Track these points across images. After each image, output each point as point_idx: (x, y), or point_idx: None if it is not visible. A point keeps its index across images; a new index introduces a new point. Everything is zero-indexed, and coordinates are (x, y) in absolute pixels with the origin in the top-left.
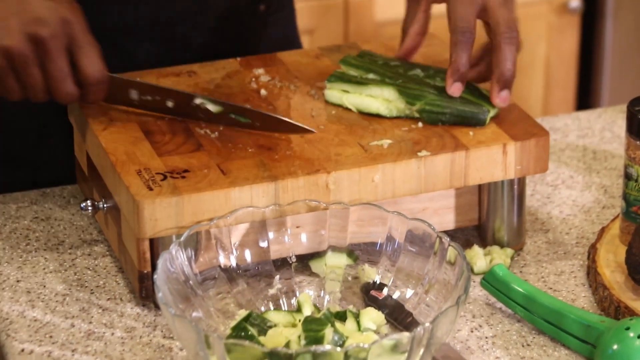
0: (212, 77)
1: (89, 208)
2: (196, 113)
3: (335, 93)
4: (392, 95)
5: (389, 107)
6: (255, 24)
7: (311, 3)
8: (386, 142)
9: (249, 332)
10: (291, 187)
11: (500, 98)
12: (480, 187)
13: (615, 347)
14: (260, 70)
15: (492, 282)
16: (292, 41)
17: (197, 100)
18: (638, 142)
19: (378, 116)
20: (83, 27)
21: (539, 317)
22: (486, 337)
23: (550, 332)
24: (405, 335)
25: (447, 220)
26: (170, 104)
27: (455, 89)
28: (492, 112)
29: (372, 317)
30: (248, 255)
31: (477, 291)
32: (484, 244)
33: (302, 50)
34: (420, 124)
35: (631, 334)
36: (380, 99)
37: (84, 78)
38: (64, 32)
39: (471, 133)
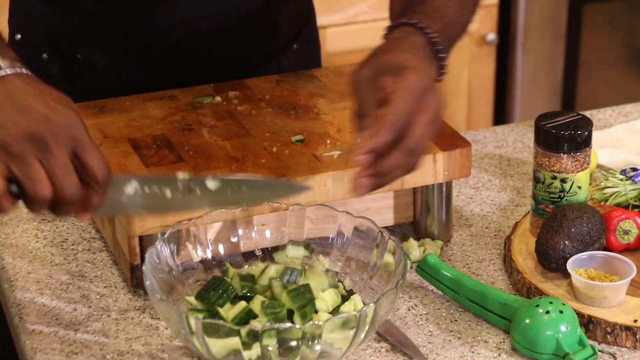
0: (189, 100)
1: None
2: (194, 193)
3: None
4: None
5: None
6: (287, 60)
7: None
8: (336, 153)
9: None
10: None
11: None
12: (414, 189)
13: (527, 321)
14: (232, 94)
15: (425, 268)
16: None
17: (192, 185)
18: (544, 151)
19: None
20: (85, 130)
21: (465, 297)
22: (421, 315)
23: (474, 310)
24: (353, 314)
25: (387, 217)
26: (168, 193)
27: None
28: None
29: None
30: (221, 249)
31: (412, 276)
32: (418, 237)
33: (265, 77)
34: None
35: (540, 310)
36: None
37: (91, 177)
38: (67, 133)
39: None
